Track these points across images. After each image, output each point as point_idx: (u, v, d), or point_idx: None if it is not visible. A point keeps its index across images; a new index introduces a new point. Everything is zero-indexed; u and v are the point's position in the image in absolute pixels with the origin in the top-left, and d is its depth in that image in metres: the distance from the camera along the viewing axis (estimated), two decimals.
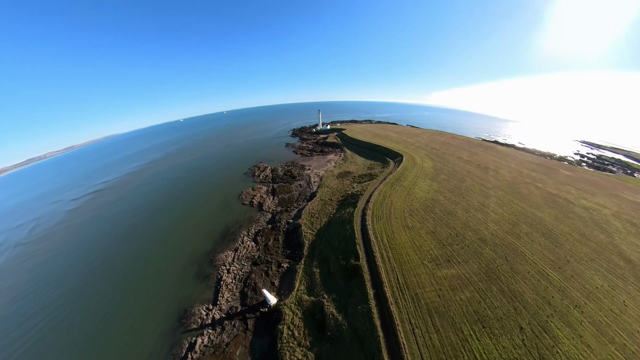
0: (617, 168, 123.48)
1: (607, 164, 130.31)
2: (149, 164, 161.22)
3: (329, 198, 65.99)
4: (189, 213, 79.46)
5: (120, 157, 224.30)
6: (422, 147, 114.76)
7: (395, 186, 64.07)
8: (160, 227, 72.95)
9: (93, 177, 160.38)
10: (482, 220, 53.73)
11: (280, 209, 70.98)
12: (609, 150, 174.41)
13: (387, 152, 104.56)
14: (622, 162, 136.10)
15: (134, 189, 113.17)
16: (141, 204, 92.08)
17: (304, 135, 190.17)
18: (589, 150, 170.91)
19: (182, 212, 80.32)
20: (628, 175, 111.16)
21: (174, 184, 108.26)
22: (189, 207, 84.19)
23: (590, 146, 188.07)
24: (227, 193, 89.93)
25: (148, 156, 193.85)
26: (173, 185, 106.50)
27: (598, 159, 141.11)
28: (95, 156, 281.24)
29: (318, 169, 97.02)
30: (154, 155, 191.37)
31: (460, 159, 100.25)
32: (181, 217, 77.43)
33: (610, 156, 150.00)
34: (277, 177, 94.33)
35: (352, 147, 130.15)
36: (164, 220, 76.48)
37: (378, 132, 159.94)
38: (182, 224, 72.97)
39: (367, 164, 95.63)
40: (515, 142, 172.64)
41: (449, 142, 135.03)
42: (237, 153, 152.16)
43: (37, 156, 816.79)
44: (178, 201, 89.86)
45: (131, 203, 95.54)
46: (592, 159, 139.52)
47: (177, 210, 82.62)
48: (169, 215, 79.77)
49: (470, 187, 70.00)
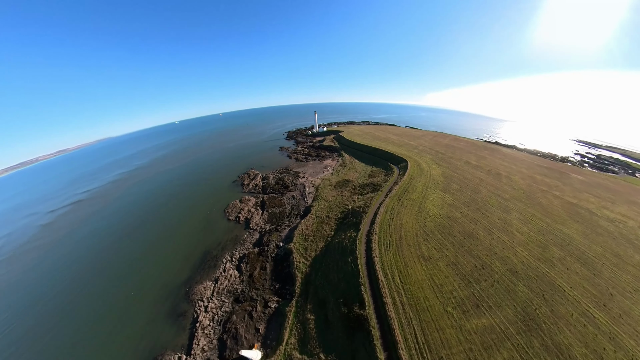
0: (618, 168, 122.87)
1: (607, 164, 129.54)
2: (133, 172, 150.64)
3: (325, 214, 56.58)
4: (166, 232, 69.55)
5: (107, 163, 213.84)
6: (427, 150, 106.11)
7: (404, 200, 54.93)
8: (134, 251, 63.00)
9: (76, 184, 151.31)
10: (509, 243, 45.21)
11: (269, 226, 61.44)
12: (605, 149, 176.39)
13: (390, 156, 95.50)
14: (621, 162, 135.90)
15: (113, 202, 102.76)
16: (117, 221, 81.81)
17: (299, 137, 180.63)
18: (586, 149, 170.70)
19: (159, 231, 70.40)
20: (630, 175, 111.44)
21: (155, 196, 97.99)
22: (168, 224, 74.26)
23: (586, 145, 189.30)
24: (212, 206, 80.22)
25: (134, 162, 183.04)
26: (154, 198, 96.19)
27: (598, 159, 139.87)
28: (85, 161, 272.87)
29: (314, 177, 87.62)
30: (140, 162, 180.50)
31: (469, 164, 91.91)
32: (158, 237, 67.56)
33: (608, 155, 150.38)
34: (268, 187, 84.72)
35: (350, 151, 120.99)
36: (138, 243, 66.49)
37: (377, 134, 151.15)
38: (157, 247, 63.16)
39: (368, 171, 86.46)
40: (516, 143, 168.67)
41: (453, 145, 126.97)
42: (227, 158, 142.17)
43: (29, 160, 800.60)
44: (156, 217, 79.81)
45: (107, 220, 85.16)
46: (593, 159, 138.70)
47: (154, 228, 72.61)
48: (145, 235, 69.75)
49: (487, 199, 61.42)
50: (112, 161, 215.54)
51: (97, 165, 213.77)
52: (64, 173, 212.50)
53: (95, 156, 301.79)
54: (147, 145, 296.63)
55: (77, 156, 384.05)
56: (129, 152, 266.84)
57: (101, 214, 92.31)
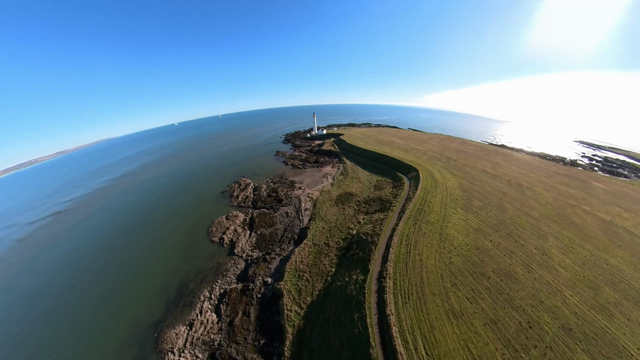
0: (627, 171, 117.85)
1: (616, 167, 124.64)
2: (120, 179, 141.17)
3: (325, 241, 46.82)
4: (143, 256, 59.96)
5: (98, 167, 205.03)
6: (436, 156, 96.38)
7: (420, 223, 45.17)
8: (104, 280, 53.27)
9: (61, 192, 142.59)
10: (554, 284, 35.87)
11: (257, 253, 51.78)
12: (609, 150, 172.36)
13: (397, 164, 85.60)
14: (629, 164, 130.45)
15: (91, 215, 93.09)
16: (90, 241, 71.85)
17: (297, 141, 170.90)
18: (591, 151, 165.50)
19: (135, 255, 60.77)
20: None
21: (135, 210, 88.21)
22: (145, 246, 64.65)
23: (589, 146, 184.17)
24: (196, 222, 70.70)
25: (123, 167, 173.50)
26: (134, 213, 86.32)
27: (606, 162, 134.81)
28: (78, 164, 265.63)
29: (311, 188, 77.91)
30: (129, 167, 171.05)
31: (485, 172, 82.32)
32: (132, 262, 57.99)
33: (614, 157, 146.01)
34: (259, 200, 75.05)
35: (352, 156, 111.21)
36: (110, 269, 56.78)
37: (381, 137, 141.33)
38: (131, 275, 53.69)
39: (373, 181, 76.72)
40: (522, 145, 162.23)
41: (462, 150, 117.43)
42: (219, 164, 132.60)
43: (28, 161, 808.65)
44: (133, 237, 70.09)
45: (80, 238, 75.22)
46: (601, 162, 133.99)
47: (129, 252, 62.90)
48: (118, 260, 60.02)
49: (516, 219, 51.83)
50: (103, 165, 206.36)
51: (88, 169, 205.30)
52: (55, 177, 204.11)
53: (90, 159, 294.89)
54: (141, 148, 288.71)
55: (73, 158, 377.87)
56: (122, 155, 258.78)
57: (76, 230, 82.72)
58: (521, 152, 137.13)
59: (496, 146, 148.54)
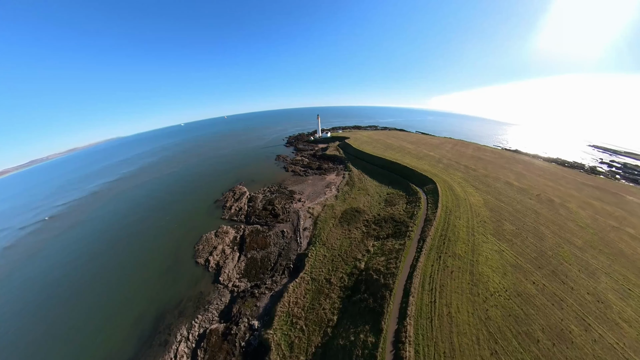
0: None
1: (637, 174, 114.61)
2: (115, 182, 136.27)
3: (326, 276, 38.35)
4: (122, 278, 52.92)
5: (99, 168, 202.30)
6: (453, 165, 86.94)
7: (446, 257, 36.39)
8: (75, 309, 46.16)
9: (58, 194, 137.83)
10: (619, 349, 27.13)
11: (244, 284, 43.89)
12: (625, 155, 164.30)
13: (410, 173, 76.53)
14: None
15: (78, 224, 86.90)
16: (71, 257, 64.60)
17: (299, 144, 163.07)
18: (607, 156, 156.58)
19: (113, 277, 53.63)
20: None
21: (122, 221, 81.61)
22: (127, 264, 57.71)
23: (604, 151, 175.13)
24: (182, 238, 63.51)
25: (122, 169, 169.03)
26: (120, 224, 79.55)
27: (626, 169, 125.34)
28: (82, 164, 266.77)
29: (312, 201, 69.69)
30: (128, 169, 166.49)
31: (511, 185, 72.76)
32: (109, 286, 50.92)
33: (633, 164, 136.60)
34: (253, 214, 67.31)
35: (359, 163, 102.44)
36: (82, 296, 49.66)
37: (389, 141, 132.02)
38: (105, 302, 46.83)
39: (383, 194, 67.99)
40: (537, 150, 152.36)
41: (479, 156, 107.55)
42: (217, 168, 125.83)
43: (39, 158, 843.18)
44: (115, 253, 63.15)
45: (61, 253, 68.10)
46: (621, 169, 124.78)
47: (108, 271, 55.83)
48: (94, 282, 52.99)
49: (558, 250, 42.55)
50: (104, 167, 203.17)
51: (90, 170, 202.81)
52: (57, 177, 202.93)
53: (94, 158, 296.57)
54: (144, 149, 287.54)
55: (81, 157, 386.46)
56: (124, 155, 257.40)
57: (59, 242, 76.55)
58: (537, 158, 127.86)
59: (511, 152, 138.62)
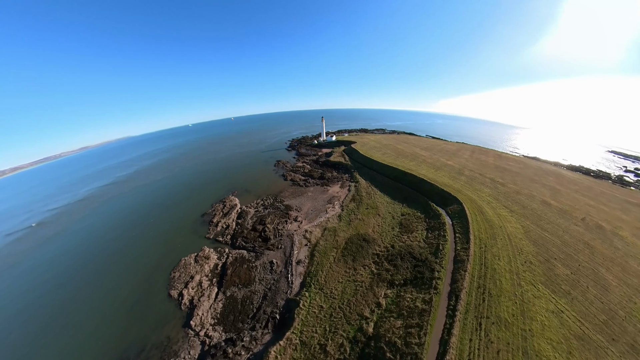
0: None
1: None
2: (106, 187, 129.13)
3: (320, 341, 26.97)
4: (85, 313, 43.14)
5: (98, 169, 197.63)
6: (476, 177, 74.55)
7: (488, 326, 24.92)
8: (29, 353, 36.90)
9: (51, 197, 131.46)
10: None
11: (219, 334, 33.32)
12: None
13: (428, 188, 64.47)
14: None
15: (54, 238, 78.08)
16: (37, 281, 55.36)
17: (302, 148, 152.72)
18: (630, 163, 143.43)
19: (76, 312, 43.84)
20: None
21: (100, 235, 72.32)
22: (94, 294, 47.94)
23: (625, 158, 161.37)
24: (160, 261, 53.95)
25: (118, 172, 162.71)
26: (97, 239, 70.05)
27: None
28: (87, 163, 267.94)
29: (311, 221, 58.46)
30: (123, 172, 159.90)
31: (547, 205, 60.16)
32: (70, 323, 41.20)
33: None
34: (240, 234, 56.97)
35: (366, 172, 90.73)
36: (39, 335, 40.25)
37: (400, 147, 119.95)
38: (62, 346, 37.24)
39: (397, 214, 56.23)
40: (556, 157, 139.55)
41: (503, 167, 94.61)
42: (211, 175, 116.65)
43: (52, 155, 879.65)
44: (84, 279, 53.60)
45: (29, 275, 58.84)
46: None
47: (71, 304, 46.17)
48: (56, 317, 43.42)
49: (631, 308, 30.23)
50: (102, 169, 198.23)
51: (88, 171, 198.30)
52: (57, 178, 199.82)
53: (100, 158, 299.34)
54: (146, 150, 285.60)
55: (89, 155, 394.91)
56: (126, 157, 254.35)
57: (32, 259, 67.29)
58: (560, 166, 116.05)
59: (534, 160, 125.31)
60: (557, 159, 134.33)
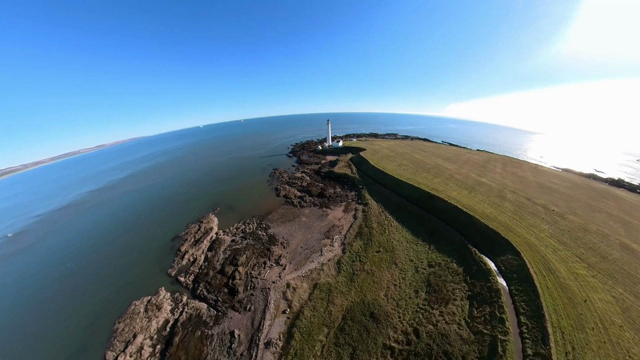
0: None
1: None
2: (93, 193, 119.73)
3: None
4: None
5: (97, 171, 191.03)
6: (524, 203, 56.34)
7: None
8: None
9: (46, 200, 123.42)
10: None
11: None
12: None
13: (465, 222, 47.32)
14: None
15: (19, 256, 66.80)
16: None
17: (304, 154, 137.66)
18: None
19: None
20: None
21: (61, 263, 59.96)
22: (21, 348, 35.05)
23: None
24: (108, 302, 41.29)
25: (110, 176, 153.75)
26: (59, 266, 57.35)
27: None
28: (94, 162, 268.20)
29: (297, 269, 41.38)
30: (115, 176, 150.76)
31: (630, 250, 41.77)
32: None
33: None
34: (205, 275, 42.34)
35: (378, 191, 73.19)
36: None
37: (418, 156, 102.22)
38: None
39: (421, 264, 38.81)
40: (590, 169, 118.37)
41: (549, 186, 75.52)
42: (199, 184, 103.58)
43: (72, 151, 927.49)
44: (20, 325, 40.64)
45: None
46: None
47: None
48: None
49: None
50: (99, 171, 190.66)
51: (85, 174, 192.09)
52: (64, 177, 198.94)
53: (108, 157, 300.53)
54: (150, 151, 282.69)
55: (101, 154, 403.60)
56: (129, 158, 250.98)
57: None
58: (596, 179, 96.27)
59: (566, 172, 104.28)
60: (589, 169, 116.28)
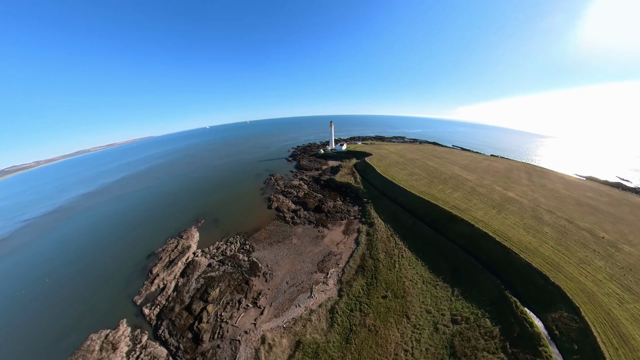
0: None
1: None
2: (87, 196, 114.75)
3: None
4: None
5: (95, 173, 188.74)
6: (568, 229, 45.14)
7: None
8: None
9: (36, 204, 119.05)
10: None
11: None
12: None
13: (499, 256, 36.82)
14: None
15: None
16: None
17: (304, 159, 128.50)
18: None
19: None
20: None
21: (31, 269, 53.06)
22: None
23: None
24: (63, 334, 34.30)
25: (106, 179, 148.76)
26: (22, 289, 50.19)
27: None
28: (96, 163, 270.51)
29: (278, 315, 30.84)
30: (109, 179, 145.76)
31: None
32: None
33: None
34: (171, 311, 33.73)
35: (386, 206, 62.39)
36: None
37: (431, 163, 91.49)
38: None
39: (442, 320, 28.47)
40: (612, 176, 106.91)
41: (588, 203, 64.03)
42: (188, 191, 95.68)
43: (84, 149, 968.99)
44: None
45: None
46: None
47: None
48: None
49: None
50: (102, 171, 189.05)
51: (83, 175, 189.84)
52: (66, 176, 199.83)
53: (112, 157, 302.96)
54: (152, 152, 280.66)
55: (110, 153, 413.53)
56: (128, 159, 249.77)
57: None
58: (625, 189, 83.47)
59: (591, 180, 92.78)
60: (612, 176, 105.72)
